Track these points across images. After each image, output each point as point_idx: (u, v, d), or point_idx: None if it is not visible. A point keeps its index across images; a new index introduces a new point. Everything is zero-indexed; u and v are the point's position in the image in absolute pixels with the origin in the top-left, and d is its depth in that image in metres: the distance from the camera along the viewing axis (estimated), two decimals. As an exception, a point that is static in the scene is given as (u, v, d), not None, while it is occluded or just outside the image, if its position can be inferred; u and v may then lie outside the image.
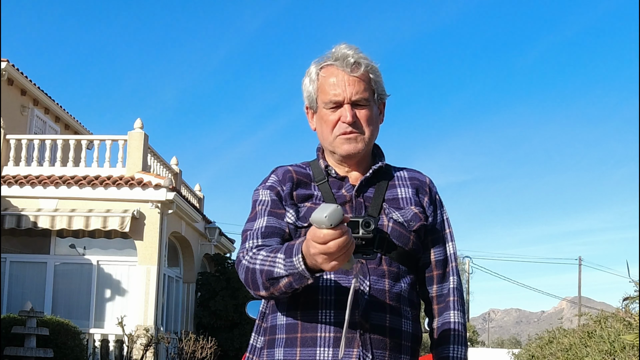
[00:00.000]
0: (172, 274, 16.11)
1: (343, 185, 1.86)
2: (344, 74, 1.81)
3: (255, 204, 1.88)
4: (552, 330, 10.47)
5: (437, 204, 1.93)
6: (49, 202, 13.86)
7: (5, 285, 13.91)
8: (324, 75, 1.83)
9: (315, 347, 1.71)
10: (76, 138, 15.12)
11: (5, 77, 15.68)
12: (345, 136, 1.82)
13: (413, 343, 1.80)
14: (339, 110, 1.82)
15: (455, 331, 1.85)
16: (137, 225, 13.73)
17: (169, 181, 13.91)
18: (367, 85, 1.83)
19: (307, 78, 1.88)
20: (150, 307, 13.58)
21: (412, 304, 1.83)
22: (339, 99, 1.81)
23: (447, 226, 1.94)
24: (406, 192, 1.89)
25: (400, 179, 1.92)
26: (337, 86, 1.81)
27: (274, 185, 1.88)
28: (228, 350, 16.01)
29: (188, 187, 18.47)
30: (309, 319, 1.73)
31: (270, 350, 1.78)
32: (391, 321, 1.75)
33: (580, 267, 43.43)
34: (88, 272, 14.26)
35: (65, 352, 11.40)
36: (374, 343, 1.71)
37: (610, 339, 6.16)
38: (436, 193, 1.95)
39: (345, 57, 1.81)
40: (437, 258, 1.89)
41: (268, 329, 1.82)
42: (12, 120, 15.89)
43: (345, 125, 1.81)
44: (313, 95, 1.87)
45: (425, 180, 1.95)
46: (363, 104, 1.82)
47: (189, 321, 16.78)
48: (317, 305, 1.73)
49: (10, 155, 14.37)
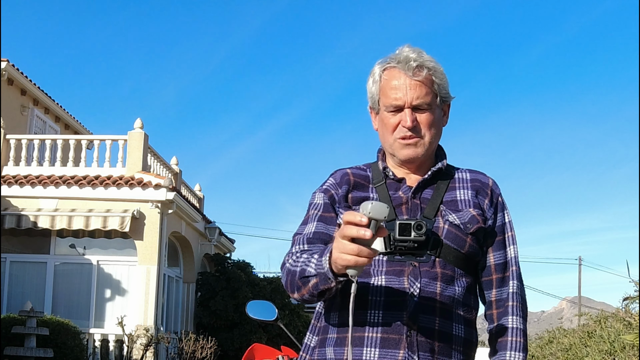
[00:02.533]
0: (172, 274, 16.11)
1: (400, 187, 1.85)
2: (406, 77, 1.79)
3: (310, 207, 1.89)
4: (552, 330, 10.48)
5: (498, 207, 1.90)
6: (49, 202, 13.86)
7: (5, 285, 13.91)
8: (386, 77, 1.82)
9: (362, 347, 1.71)
10: (76, 138, 15.12)
11: (5, 77, 15.68)
12: (404, 141, 1.81)
13: (465, 347, 1.78)
14: (400, 114, 1.81)
15: (513, 337, 1.80)
16: (137, 225, 13.73)
17: (169, 181, 13.92)
18: (430, 89, 1.81)
19: (370, 79, 1.87)
20: (150, 307, 13.58)
21: (467, 308, 1.80)
22: (400, 103, 1.79)
23: (509, 229, 1.90)
24: (465, 194, 1.87)
25: (460, 181, 1.90)
26: (398, 90, 1.79)
27: (329, 188, 1.88)
28: (228, 350, 16.01)
29: (188, 187, 18.47)
30: (359, 318, 1.73)
31: (322, 350, 1.80)
32: (441, 324, 1.73)
33: (580, 267, 43.41)
34: (88, 272, 14.26)
35: (65, 352, 11.40)
36: (420, 345, 1.70)
37: (610, 339, 6.17)
38: (499, 195, 1.92)
39: (408, 61, 1.79)
40: (497, 262, 1.86)
41: (321, 329, 1.84)
42: (12, 120, 15.89)
43: (405, 130, 1.80)
44: (375, 97, 1.86)
45: (487, 182, 1.92)
46: (424, 108, 1.81)
47: (189, 321, 16.77)
48: (367, 305, 1.73)
49: (10, 155, 14.37)
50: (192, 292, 17.10)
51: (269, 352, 4.56)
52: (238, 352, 15.60)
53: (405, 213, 1.80)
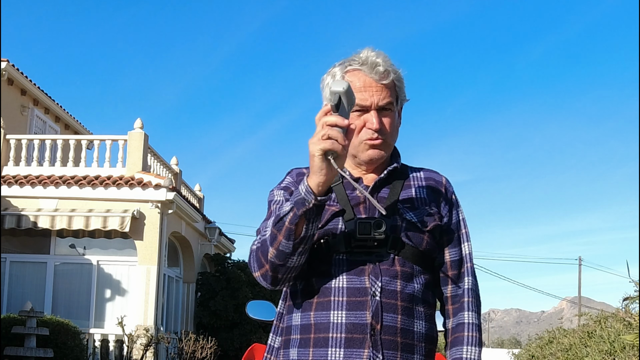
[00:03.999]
0: (172, 274, 16.11)
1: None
2: (372, 80, 1.82)
3: (270, 204, 1.90)
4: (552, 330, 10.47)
5: (452, 204, 1.93)
6: (49, 202, 13.86)
7: (5, 285, 13.91)
8: (350, 79, 1.83)
9: (327, 347, 1.72)
10: (76, 138, 15.12)
11: (5, 77, 15.68)
12: (370, 142, 1.83)
13: (427, 343, 1.81)
14: (365, 116, 1.82)
15: (470, 332, 1.85)
16: (137, 225, 13.74)
17: (169, 181, 13.92)
18: (393, 91, 1.85)
19: (330, 80, 1.87)
20: (150, 307, 13.58)
21: (427, 304, 1.83)
22: (367, 104, 1.81)
23: (463, 226, 1.94)
24: (421, 192, 1.90)
25: (415, 179, 1.93)
26: (364, 91, 1.81)
27: (289, 186, 1.90)
28: (228, 350, 16.01)
29: (188, 187, 18.48)
30: (322, 319, 1.74)
31: (286, 351, 1.81)
32: (403, 322, 1.75)
33: (580, 267, 43.43)
34: (88, 272, 14.27)
35: (65, 352, 11.40)
36: (384, 344, 1.71)
37: (610, 339, 6.16)
38: (452, 193, 1.95)
39: (375, 65, 1.82)
40: (452, 258, 1.90)
41: (284, 330, 1.85)
42: (12, 120, 15.89)
43: (371, 132, 1.82)
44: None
45: (441, 180, 1.95)
46: (388, 109, 1.83)
47: (189, 321, 16.78)
48: (329, 306, 1.74)
49: (10, 155, 14.38)
50: (192, 292, 17.10)
51: (269, 352, 4.55)
52: (238, 352, 15.60)
53: (363, 212, 1.81)
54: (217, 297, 16.56)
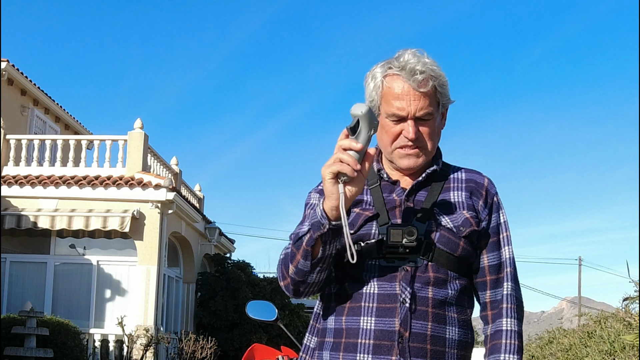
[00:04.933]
0: (172, 274, 16.11)
1: (394, 189, 1.84)
2: (410, 87, 1.75)
3: (306, 207, 1.89)
4: (552, 330, 10.47)
5: (493, 207, 1.87)
6: (49, 202, 13.86)
7: (5, 285, 13.91)
8: (389, 85, 1.77)
9: (356, 353, 1.72)
10: (76, 138, 15.12)
11: (5, 77, 15.68)
12: (405, 150, 1.79)
13: (460, 350, 1.78)
14: (402, 124, 1.78)
15: (508, 339, 1.79)
16: (137, 225, 13.74)
17: (169, 181, 13.92)
18: (433, 99, 1.78)
19: (371, 82, 1.82)
20: (150, 307, 13.58)
21: (461, 310, 1.80)
22: (403, 114, 1.76)
23: (504, 230, 1.88)
24: (459, 195, 1.84)
25: (455, 181, 1.88)
26: (401, 100, 1.75)
27: None
28: (228, 350, 16.01)
29: (188, 187, 18.47)
30: (352, 325, 1.74)
31: (320, 353, 1.81)
32: (433, 329, 1.73)
33: (580, 267, 43.40)
34: (88, 272, 14.26)
35: (65, 352, 11.40)
36: (412, 351, 1.70)
37: (610, 339, 6.16)
38: (494, 195, 1.89)
39: (413, 72, 1.75)
40: (491, 263, 1.85)
41: (320, 331, 1.85)
42: (12, 120, 15.89)
43: (406, 140, 1.77)
44: (376, 102, 1.82)
45: (482, 182, 1.89)
46: (427, 119, 1.78)
47: (189, 321, 16.77)
48: (360, 312, 1.74)
49: (10, 155, 14.37)
50: (192, 292, 17.10)
51: (269, 353, 4.56)
52: (238, 352, 15.60)
53: (398, 216, 1.79)
54: (217, 297, 16.56)
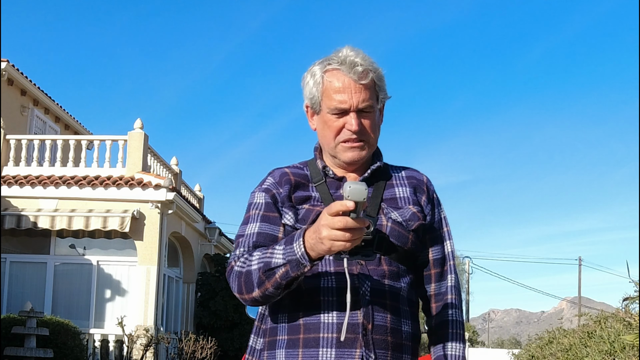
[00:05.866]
0: (172, 274, 16.12)
1: (341, 185, 1.85)
2: (351, 80, 1.78)
3: (250, 207, 1.87)
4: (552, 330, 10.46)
5: (434, 203, 1.93)
6: (49, 202, 13.86)
7: (5, 285, 13.91)
8: (329, 80, 1.80)
9: (318, 347, 1.71)
10: (76, 138, 15.13)
11: (5, 77, 15.68)
12: (349, 144, 1.81)
13: (413, 342, 1.82)
14: (344, 117, 1.80)
15: (454, 329, 1.86)
16: (137, 225, 13.74)
17: (169, 181, 13.92)
18: (372, 91, 1.82)
19: (310, 79, 1.85)
20: (150, 307, 13.58)
21: (411, 303, 1.84)
22: (345, 106, 1.79)
23: (445, 224, 1.94)
24: (404, 191, 1.89)
25: (398, 179, 1.92)
26: (343, 93, 1.78)
27: (270, 187, 1.87)
28: (228, 350, 16.01)
29: (188, 187, 18.48)
30: (312, 320, 1.74)
31: (271, 352, 1.79)
32: (392, 321, 1.76)
33: (580, 267, 43.47)
34: (88, 272, 14.27)
35: (65, 352, 11.40)
36: (376, 343, 1.72)
37: (610, 339, 6.16)
38: (434, 192, 1.95)
39: (354, 65, 1.78)
40: (435, 257, 1.90)
41: (268, 331, 1.83)
42: (12, 120, 15.90)
43: (350, 133, 1.80)
44: (317, 98, 1.84)
45: (422, 179, 1.95)
46: (368, 111, 1.81)
47: (189, 321, 16.78)
48: (319, 306, 1.74)
49: (10, 156, 14.38)
50: (192, 293, 17.10)
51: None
52: (238, 352, 15.61)
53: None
54: (217, 297, 16.56)
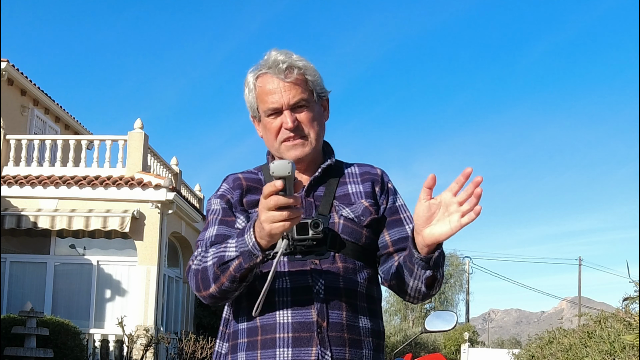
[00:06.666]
0: (172, 274, 16.12)
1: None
2: (279, 80, 1.81)
3: (208, 213, 1.90)
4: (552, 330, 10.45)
5: (389, 192, 1.94)
6: (49, 202, 13.86)
7: (5, 285, 13.91)
8: (260, 85, 1.84)
9: (275, 348, 1.72)
10: (76, 138, 15.12)
11: (5, 77, 15.68)
12: (290, 142, 1.84)
13: (374, 338, 1.82)
14: (280, 117, 1.83)
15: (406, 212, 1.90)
16: (137, 225, 13.74)
17: (169, 181, 13.92)
18: (304, 87, 1.84)
19: (246, 88, 1.89)
20: (150, 307, 13.58)
21: (370, 299, 1.84)
22: (277, 105, 1.82)
23: (405, 210, 1.94)
24: (357, 187, 1.90)
25: (350, 176, 1.93)
26: (273, 93, 1.82)
27: (225, 193, 1.90)
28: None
29: (188, 187, 18.48)
30: (268, 321, 1.75)
31: (234, 355, 1.80)
32: (348, 318, 1.76)
33: (580, 267, 43.45)
34: (88, 272, 14.26)
35: (65, 352, 11.40)
36: (332, 340, 1.72)
37: (610, 339, 6.16)
38: (388, 182, 1.96)
39: (277, 64, 1.82)
40: (393, 238, 1.89)
41: (231, 335, 1.85)
42: (12, 120, 15.89)
43: (287, 132, 1.83)
44: (254, 105, 1.89)
45: (376, 172, 1.96)
46: (302, 105, 1.83)
47: (189, 321, 16.78)
48: (274, 306, 1.75)
49: (10, 156, 14.37)
50: (192, 293, 17.09)
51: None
52: (238, 352, 15.60)
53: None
54: (217, 297, 16.57)
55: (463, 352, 29.96)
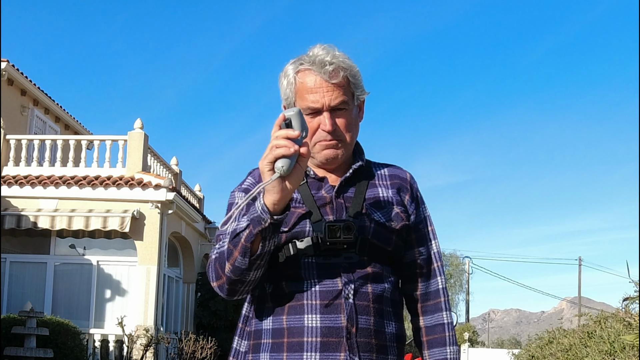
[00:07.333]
0: (172, 274, 16.12)
1: (322, 186, 1.83)
2: (322, 80, 1.77)
3: (230, 207, 1.87)
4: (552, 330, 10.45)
5: (418, 202, 1.92)
6: (49, 202, 13.86)
7: (5, 285, 13.91)
8: (301, 80, 1.79)
9: (302, 352, 1.70)
10: (76, 138, 15.12)
11: (5, 77, 15.68)
12: (324, 143, 1.80)
13: (398, 343, 1.81)
14: (318, 117, 1.79)
15: (449, 332, 1.87)
16: (137, 225, 13.74)
17: (169, 181, 13.91)
18: (346, 89, 1.80)
19: (284, 79, 1.84)
20: (150, 307, 13.58)
21: (395, 304, 1.83)
22: (318, 106, 1.77)
23: (429, 224, 1.93)
24: (387, 191, 1.87)
25: (380, 178, 1.90)
26: (315, 93, 1.77)
27: (250, 187, 1.87)
28: (228, 350, 15.98)
29: (188, 187, 18.48)
30: (295, 324, 1.72)
31: (255, 355, 1.77)
32: (375, 323, 1.74)
33: (580, 267, 43.43)
34: (88, 272, 14.26)
35: (65, 352, 11.40)
36: (360, 346, 1.70)
37: (610, 340, 6.16)
38: (417, 190, 1.94)
39: (323, 64, 1.76)
40: (421, 256, 1.89)
41: (252, 333, 1.81)
42: (12, 120, 15.89)
43: (324, 134, 1.79)
44: (291, 99, 1.84)
45: (406, 177, 1.93)
46: (342, 108, 1.79)
47: (189, 321, 16.78)
48: (303, 310, 1.72)
49: (10, 156, 14.37)
50: (192, 293, 17.10)
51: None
52: (238, 352, 15.58)
53: (330, 213, 1.78)
54: (217, 297, 16.56)
55: (463, 352, 29.99)
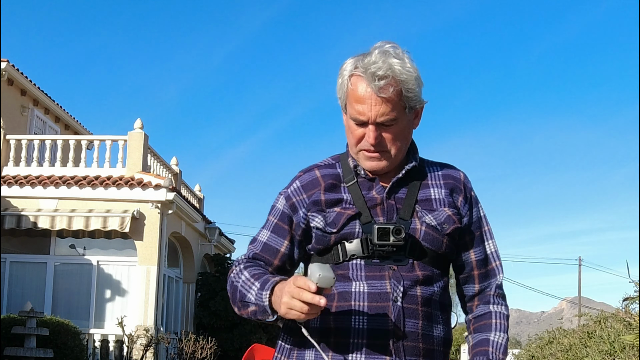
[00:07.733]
0: (172, 274, 16.11)
1: (373, 186, 1.80)
2: (372, 91, 1.69)
3: (271, 210, 1.86)
4: (552, 330, 10.46)
5: (472, 202, 1.88)
6: (49, 202, 13.86)
7: (5, 285, 13.91)
8: (353, 86, 1.72)
9: (348, 352, 1.69)
10: (76, 138, 15.12)
11: (5, 77, 15.68)
12: (368, 154, 1.76)
13: (444, 347, 1.79)
14: (364, 128, 1.74)
15: (498, 319, 1.83)
16: (137, 225, 13.73)
17: (169, 181, 13.91)
18: (397, 103, 1.71)
19: (340, 78, 1.78)
20: (150, 308, 13.58)
21: (444, 308, 1.80)
22: (363, 118, 1.71)
23: (485, 224, 1.89)
24: (439, 192, 1.83)
25: (433, 178, 1.86)
26: (362, 103, 1.70)
27: (292, 195, 1.84)
28: (228, 350, 16.00)
29: (188, 187, 18.47)
30: (342, 324, 1.71)
31: (301, 352, 1.77)
32: (423, 327, 1.72)
33: (580, 268, 43.40)
34: (88, 272, 14.26)
35: (65, 352, 11.40)
36: (407, 350, 1.69)
37: (610, 340, 6.16)
38: (471, 190, 1.89)
39: (374, 77, 1.67)
40: (478, 258, 1.86)
41: (298, 330, 1.80)
42: (12, 121, 15.89)
43: (368, 145, 1.74)
44: (343, 99, 1.78)
45: (459, 176, 1.88)
46: (389, 124, 1.73)
47: (189, 321, 16.77)
48: (350, 311, 1.71)
49: (10, 156, 14.37)
50: (192, 293, 17.10)
51: (269, 353, 4.56)
52: (238, 352, 15.59)
53: (380, 215, 1.76)
54: (217, 297, 16.56)
55: (463, 352, 29.97)
